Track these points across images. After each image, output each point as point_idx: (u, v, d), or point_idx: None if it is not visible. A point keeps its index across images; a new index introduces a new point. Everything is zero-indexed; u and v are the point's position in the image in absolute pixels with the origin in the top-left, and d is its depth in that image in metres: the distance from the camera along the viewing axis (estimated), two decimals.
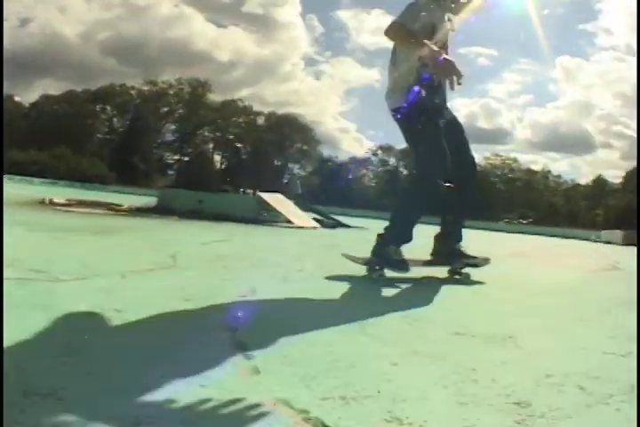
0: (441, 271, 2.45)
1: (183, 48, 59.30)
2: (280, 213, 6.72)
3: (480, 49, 31.75)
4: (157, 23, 60.47)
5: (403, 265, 2.17)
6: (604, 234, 14.60)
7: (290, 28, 36.25)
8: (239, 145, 19.73)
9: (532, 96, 44.56)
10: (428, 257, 2.45)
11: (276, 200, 7.01)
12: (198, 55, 58.76)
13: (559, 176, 38.54)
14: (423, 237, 2.28)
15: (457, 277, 2.42)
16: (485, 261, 2.50)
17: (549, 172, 37.98)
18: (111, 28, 63.64)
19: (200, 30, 60.15)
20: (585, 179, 38.57)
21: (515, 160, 38.05)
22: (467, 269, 2.43)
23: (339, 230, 7.12)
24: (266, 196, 7.03)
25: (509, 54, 34.24)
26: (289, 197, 7.94)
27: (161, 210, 6.28)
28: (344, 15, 32.07)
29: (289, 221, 6.52)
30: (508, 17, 22.83)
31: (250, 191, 8.10)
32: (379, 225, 2.58)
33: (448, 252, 2.40)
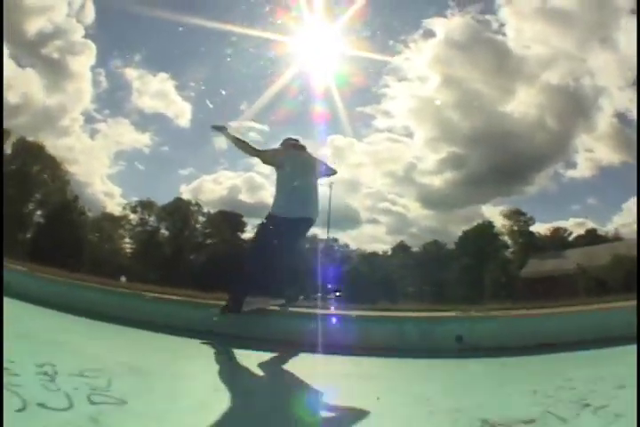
0: None
1: None
2: None
3: (252, 123, 32.58)
4: None
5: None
6: None
7: (78, 79, 34.58)
8: None
9: None
10: None
11: None
12: None
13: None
14: None
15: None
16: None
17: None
18: None
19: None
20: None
21: None
22: None
23: None
24: None
25: (281, 130, 35.19)
26: None
27: None
28: (131, 74, 31.82)
29: None
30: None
31: None
32: None
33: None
